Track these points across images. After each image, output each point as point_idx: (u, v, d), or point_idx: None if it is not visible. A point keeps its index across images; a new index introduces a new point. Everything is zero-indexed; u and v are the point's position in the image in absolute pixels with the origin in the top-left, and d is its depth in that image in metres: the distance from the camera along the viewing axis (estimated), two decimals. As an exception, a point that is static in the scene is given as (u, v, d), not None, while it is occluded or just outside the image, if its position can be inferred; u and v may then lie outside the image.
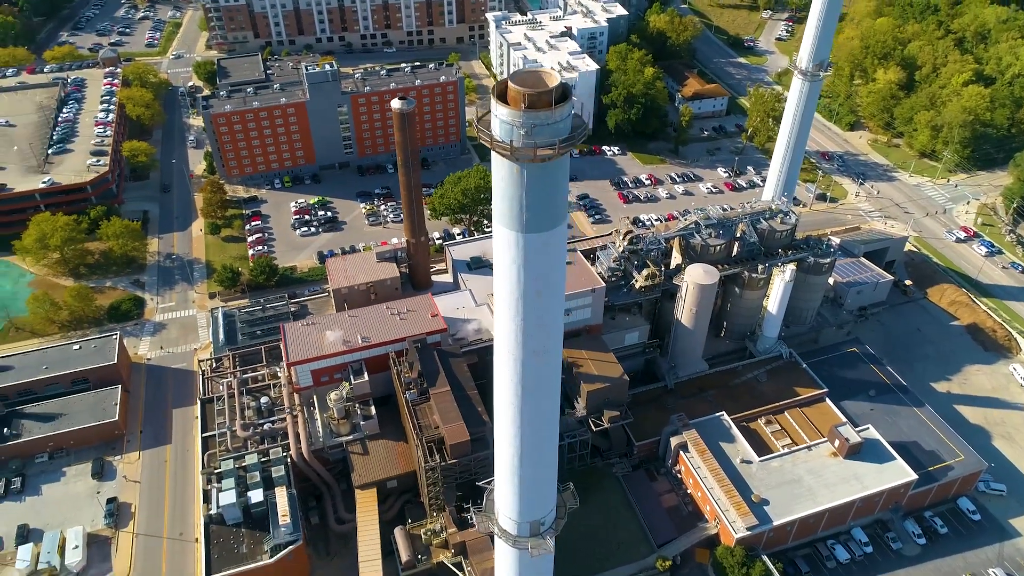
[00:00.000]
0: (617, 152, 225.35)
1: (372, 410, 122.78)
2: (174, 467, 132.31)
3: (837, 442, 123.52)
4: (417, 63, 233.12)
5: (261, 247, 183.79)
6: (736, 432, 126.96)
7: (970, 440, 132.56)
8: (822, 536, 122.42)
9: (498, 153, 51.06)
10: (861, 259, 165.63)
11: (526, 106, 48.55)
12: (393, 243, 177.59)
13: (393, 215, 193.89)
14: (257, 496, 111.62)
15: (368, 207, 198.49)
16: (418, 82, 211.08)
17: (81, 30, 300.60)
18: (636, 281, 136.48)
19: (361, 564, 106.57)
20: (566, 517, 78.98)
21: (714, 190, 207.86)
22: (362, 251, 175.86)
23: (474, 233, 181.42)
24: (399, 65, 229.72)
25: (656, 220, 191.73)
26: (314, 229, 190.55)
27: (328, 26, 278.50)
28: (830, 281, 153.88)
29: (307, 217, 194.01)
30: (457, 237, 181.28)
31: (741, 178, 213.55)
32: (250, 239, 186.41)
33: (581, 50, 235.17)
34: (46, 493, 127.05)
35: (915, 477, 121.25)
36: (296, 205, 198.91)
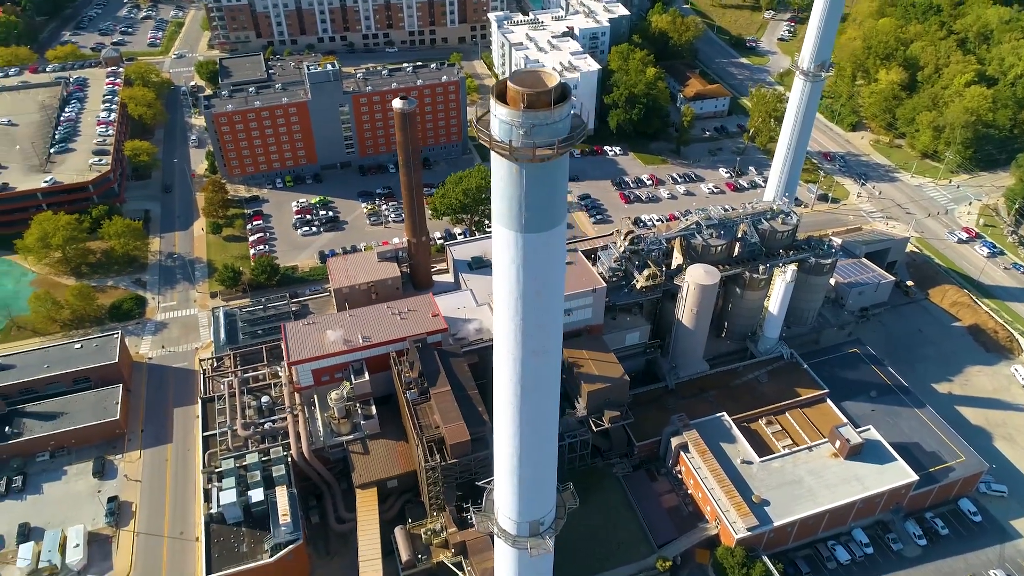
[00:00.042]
0: (619, 152, 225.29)
1: (373, 410, 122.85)
2: (175, 466, 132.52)
3: (838, 443, 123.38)
4: (419, 63, 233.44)
5: (262, 246, 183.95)
6: (737, 432, 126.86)
7: (971, 441, 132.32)
8: (823, 537, 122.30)
9: (497, 153, 51.05)
10: (862, 260, 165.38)
11: (525, 106, 48.52)
12: (394, 243, 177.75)
13: (394, 215, 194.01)
14: (258, 495, 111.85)
15: (369, 207, 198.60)
16: (420, 82, 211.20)
17: (84, 29, 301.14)
18: (637, 281, 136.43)
19: (361, 563, 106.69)
20: (566, 517, 78.99)
21: (716, 190, 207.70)
22: (363, 251, 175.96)
23: (475, 233, 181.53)
24: (401, 65, 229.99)
25: (657, 220, 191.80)
26: (315, 229, 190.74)
27: (330, 26, 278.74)
28: (831, 282, 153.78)
29: (308, 217, 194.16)
30: (458, 237, 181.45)
31: (743, 178, 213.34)
32: (251, 238, 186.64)
33: (583, 50, 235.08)
34: (47, 492, 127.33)
35: (916, 478, 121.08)
36: (297, 205, 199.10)
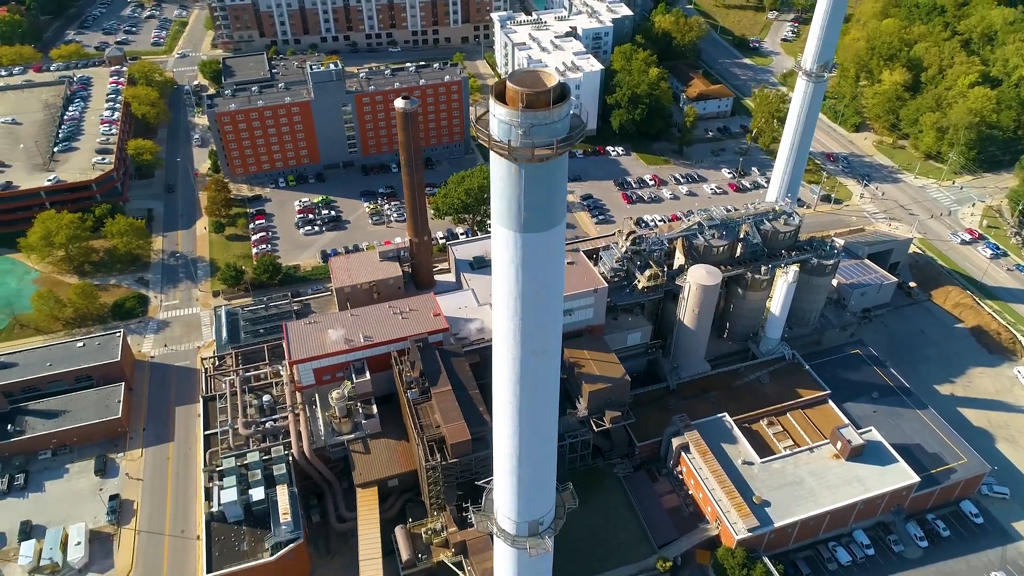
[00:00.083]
0: (621, 152, 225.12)
1: (374, 409, 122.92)
2: (176, 465, 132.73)
3: (839, 444, 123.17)
4: (422, 63, 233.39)
5: (265, 246, 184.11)
6: (738, 433, 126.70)
7: (973, 443, 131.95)
8: (823, 538, 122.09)
9: (496, 153, 51.09)
10: (865, 261, 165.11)
11: (524, 106, 48.51)
12: (396, 242, 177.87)
13: (396, 214, 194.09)
14: (258, 494, 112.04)
15: (372, 206, 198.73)
16: (422, 82, 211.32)
17: (88, 29, 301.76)
18: (639, 282, 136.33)
19: (361, 563, 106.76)
20: (565, 517, 79.03)
21: (718, 191, 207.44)
22: (365, 250, 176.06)
23: (477, 233, 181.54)
24: (404, 65, 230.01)
25: (660, 221, 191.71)
26: (318, 228, 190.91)
27: (333, 25, 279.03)
28: (834, 283, 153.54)
29: (311, 216, 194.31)
30: (460, 237, 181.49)
31: (745, 179, 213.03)
32: (254, 238, 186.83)
33: (586, 50, 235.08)
34: (49, 490, 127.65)
35: (917, 480, 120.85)
36: (300, 204, 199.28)
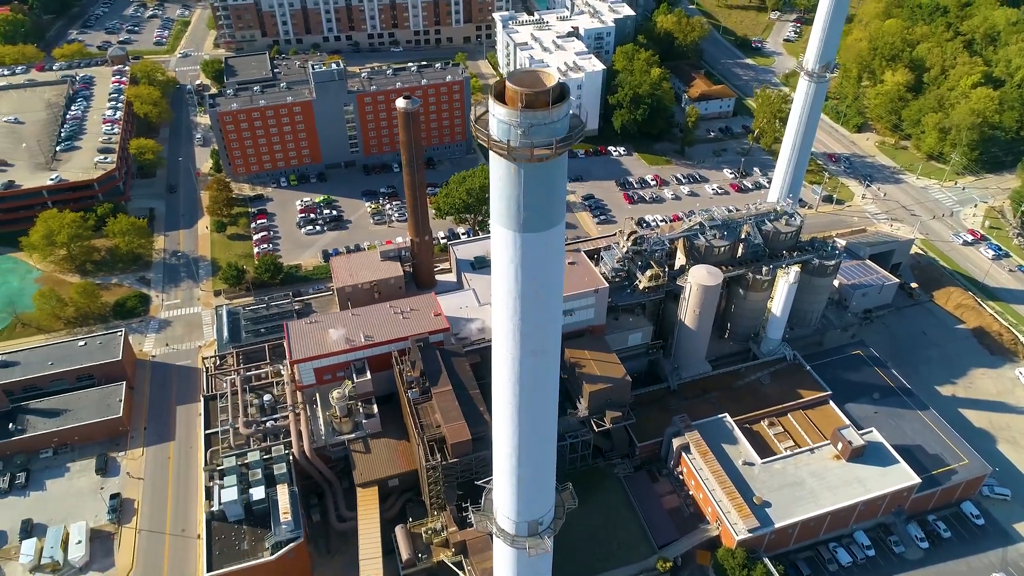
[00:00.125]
0: (623, 152, 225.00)
1: (374, 408, 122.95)
2: (177, 464, 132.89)
3: (840, 445, 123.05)
4: (424, 62, 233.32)
5: (266, 245, 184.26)
6: (739, 434, 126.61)
7: (975, 444, 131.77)
8: (824, 539, 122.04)
9: (495, 153, 51.06)
10: (867, 261, 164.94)
11: (523, 106, 48.47)
12: (397, 242, 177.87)
13: (398, 214, 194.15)
14: (259, 493, 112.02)
15: (373, 206, 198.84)
16: (424, 81, 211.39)
17: (90, 28, 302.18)
18: (640, 282, 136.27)
19: (362, 562, 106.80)
20: (564, 517, 78.98)
21: (720, 191, 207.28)
22: (366, 250, 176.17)
23: (478, 233, 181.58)
24: (405, 64, 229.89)
25: (661, 221, 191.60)
26: (319, 228, 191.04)
27: (335, 25, 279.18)
28: (835, 283, 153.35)
29: (312, 215, 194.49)
30: (461, 236, 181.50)
31: (747, 179, 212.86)
32: (255, 237, 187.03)
33: (588, 50, 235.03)
34: (50, 488, 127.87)
35: (918, 481, 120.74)
36: (301, 203, 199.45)
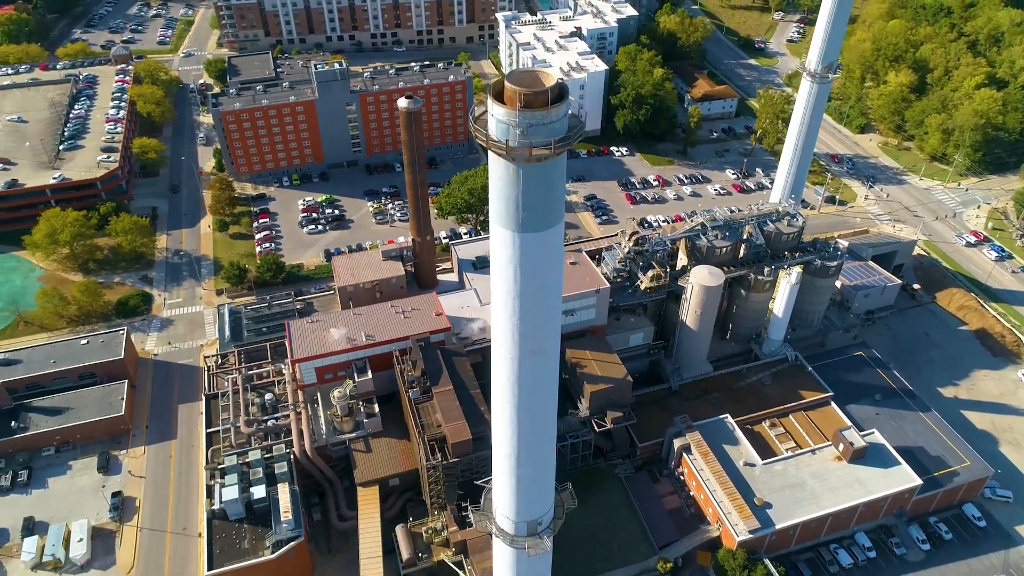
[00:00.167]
0: (625, 153, 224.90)
1: (375, 408, 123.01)
2: (179, 462, 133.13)
3: (841, 446, 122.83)
4: (426, 62, 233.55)
5: (268, 244, 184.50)
6: (740, 435, 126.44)
7: (977, 446, 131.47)
8: (825, 540, 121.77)
9: (494, 152, 51.07)
10: (869, 262, 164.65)
11: (522, 106, 48.47)
12: (399, 241, 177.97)
13: (400, 214, 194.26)
14: (260, 492, 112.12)
15: (375, 205, 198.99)
16: (427, 81, 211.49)
17: (94, 27, 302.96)
18: (641, 282, 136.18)
19: (362, 561, 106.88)
20: (564, 517, 78.99)
21: (722, 192, 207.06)
22: (368, 249, 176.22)
23: (480, 232, 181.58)
24: (408, 64, 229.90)
25: (663, 221, 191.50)
26: (321, 227, 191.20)
27: (338, 25, 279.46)
28: (837, 284, 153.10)
29: (314, 215, 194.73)
30: (463, 236, 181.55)
31: (750, 180, 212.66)
32: (258, 236, 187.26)
33: (590, 50, 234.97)
34: (52, 486, 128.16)
35: (920, 482, 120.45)
36: (304, 203, 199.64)
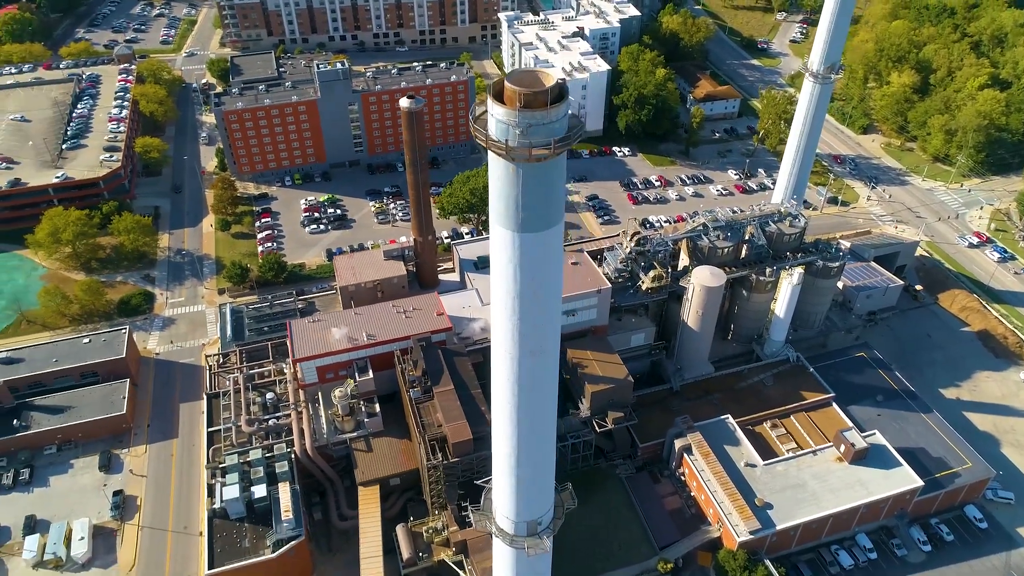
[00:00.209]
0: (627, 153, 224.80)
1: (376, 407, 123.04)
2: (180, 461, 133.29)
3: (843, 447, 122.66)
4: (428, 62, 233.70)
5: (270, 244, 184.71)
6: (741, 435, 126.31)
7: (978, 447, 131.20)
8: (826, 541, 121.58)
9: (494, 152, 51.08)
10: (871, 263, 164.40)
11: (522, 105, 48.47)
12: (401, 241, 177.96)
13: (402, 213, 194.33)
14: (261, 491, 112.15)
15: (377, 205, 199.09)
16: (429, 81, 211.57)
17: (97, 27, 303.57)
18: (643, 282, 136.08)
19: (362, 561, 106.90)
20: (563, 518, 78.92)
21: (724, 192, 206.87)
22: (370, 249, 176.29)
23: (482, 232, 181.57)
24: (410, 64, 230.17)
25: (665, 222, 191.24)
26: (323, 227, 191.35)
27: (341, 25, 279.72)
28: (839, 285, 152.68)
29: (316, 215, 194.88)
30: (465, 236, 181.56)
31: (752, 180, 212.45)
32: (260, 236, 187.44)
33: (593, 51, 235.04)
34: (54, 485, 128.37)
35: (921, 484, 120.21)
36: (306, 202, 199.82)
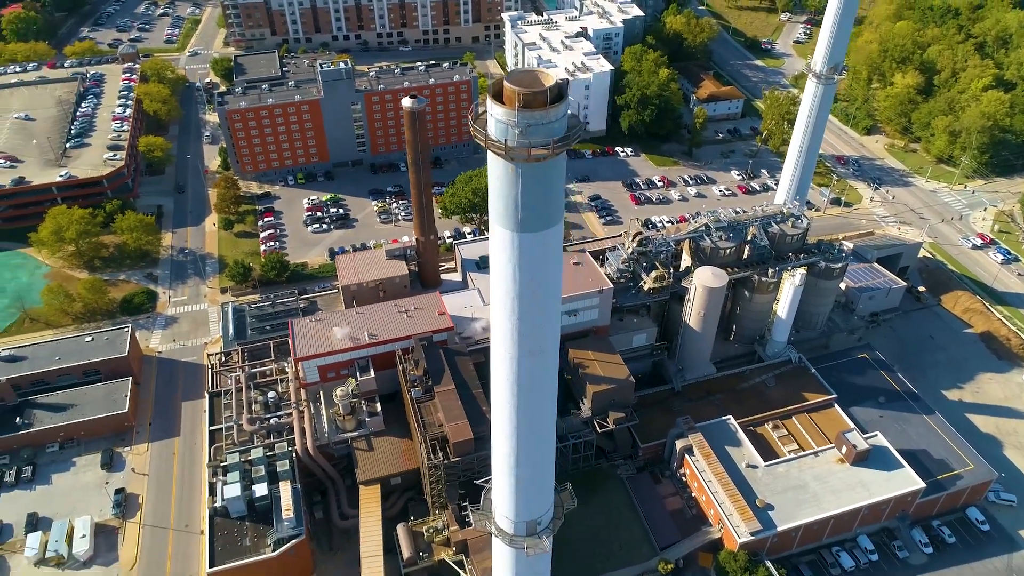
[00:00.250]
0: (630, 153, 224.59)
1: (377, 407, 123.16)
2: (182, 459, 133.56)
3: (844, 448, 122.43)
4: (432, 62, 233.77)
5: (273, 243, 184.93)
6: (742, 436, 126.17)
7: (981, 449, 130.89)
8: (827, 543, 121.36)
9: (493, 152, 51.09)
10: (874, 264, 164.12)
11: (521, 105, 48.39)
12: (403, 241, 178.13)
13: (404, 213, 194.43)
14: (262, 490, 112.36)
15: (380, 205, 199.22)
16: (432, 81, 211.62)
17: (102, 26, 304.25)
18: (645, 283, 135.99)
19: (363, 560, 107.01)
20: (563, 518, 78.85)
21: (727, 193, 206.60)
22: (372, 248, 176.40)
23: (484, 232, 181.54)
24: (414, 64, 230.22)
25: (668, 222, 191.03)
26: (326, 226, 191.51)
27: (345, 24, 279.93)
28: (842, 286, 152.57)
29: (319, 214, 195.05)
30: (467, 236, 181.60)
31: (755, 181, 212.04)
32: (262, 235, 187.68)
33: (596, 51, 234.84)
34: (56, 482, 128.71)
35: (923, 485, 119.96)
36: (308, 202, 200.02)
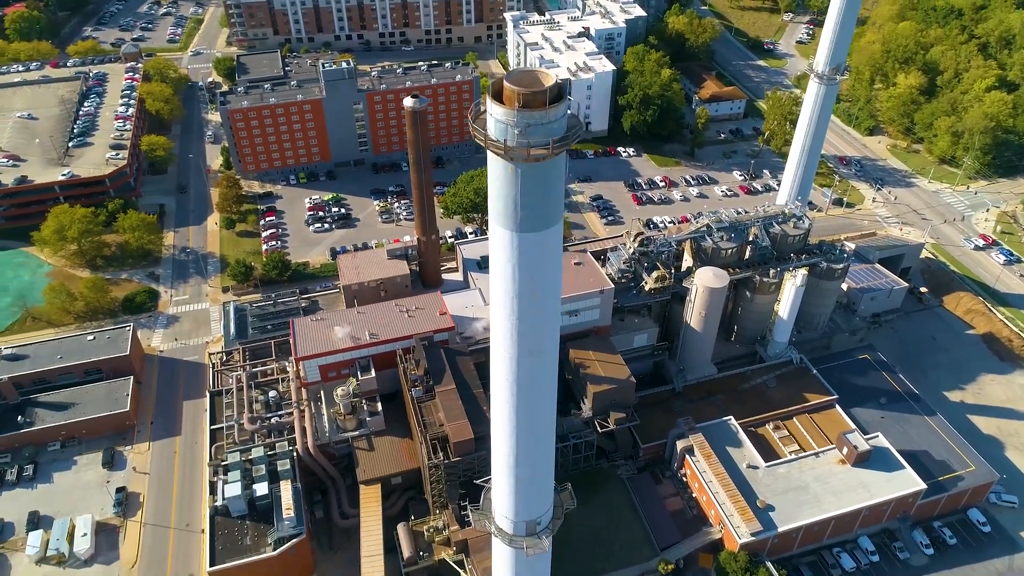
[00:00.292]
0: (632, 153, 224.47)
1: (378, 406, 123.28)
2: (183, 458, 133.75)
3: (845, 449, 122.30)
4: (434, 62, 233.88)
5: (275, 242, 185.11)
6: (743, 437, 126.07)
7: (982, 451, 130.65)
8: (828, 544, 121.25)
9: (492, 152, 51.12)
10: (876, 265, 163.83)
11: (520, 105, 48.44)
12: (405, 240, 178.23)
13: (406, 213, 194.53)
14: (262, 489, 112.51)
15: (381, 204, 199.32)
16: (434, 81, 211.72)
17: (104, 25, 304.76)
18: (646, 283, 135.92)
19: (363, 559, 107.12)
20: (563, 518, 78.89)
21: (729, 193, 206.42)
22: (374, 248, 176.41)
23: (485, 232, 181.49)
24: (416, 64, 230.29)
25: (669, 222, 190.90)
26: (327, 225, 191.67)
27: (347, 24, 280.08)
28: (843, 287, 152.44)
29: (321, 213, 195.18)
30: (469, 236, 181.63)
31: (757, 181, 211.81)
32: (264, 234, 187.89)
33: (598, 51, 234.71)
34: (57, 481, 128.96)
35: (924, 487, 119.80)
36: (310, 201, 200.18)
